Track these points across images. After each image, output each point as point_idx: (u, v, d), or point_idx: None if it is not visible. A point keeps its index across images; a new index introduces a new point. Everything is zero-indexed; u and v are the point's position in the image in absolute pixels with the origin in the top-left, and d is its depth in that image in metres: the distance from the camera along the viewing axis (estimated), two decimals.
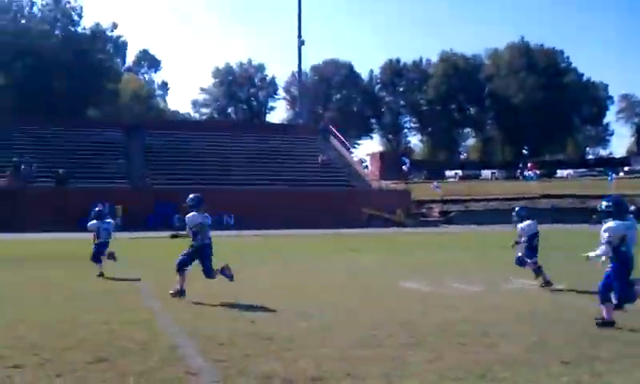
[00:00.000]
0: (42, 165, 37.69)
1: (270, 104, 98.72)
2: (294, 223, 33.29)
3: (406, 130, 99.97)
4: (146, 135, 45.09)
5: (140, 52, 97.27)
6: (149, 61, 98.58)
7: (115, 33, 78.51)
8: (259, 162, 42.51)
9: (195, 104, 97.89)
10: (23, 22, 67.88)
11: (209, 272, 10.06)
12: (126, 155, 42.39)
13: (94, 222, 13.58)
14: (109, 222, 14.29)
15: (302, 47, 57.04)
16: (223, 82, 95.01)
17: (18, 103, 63.90)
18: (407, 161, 47.94)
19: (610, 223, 7.58)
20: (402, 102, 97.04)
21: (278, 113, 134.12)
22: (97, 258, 13.45)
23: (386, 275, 13.72)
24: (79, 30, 70.61)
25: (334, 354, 6.29)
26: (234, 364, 5.83)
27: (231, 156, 43.12)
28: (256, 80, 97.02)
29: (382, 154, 58.44)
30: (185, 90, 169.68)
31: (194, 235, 10.08)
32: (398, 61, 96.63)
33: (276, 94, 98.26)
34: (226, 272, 10.16)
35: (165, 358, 6.02)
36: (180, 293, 9.91)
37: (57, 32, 69.05)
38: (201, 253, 10.04)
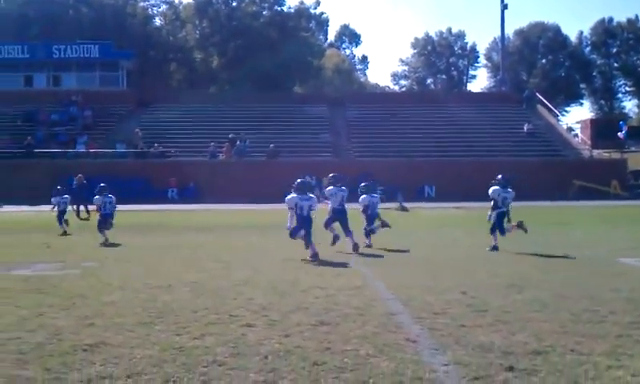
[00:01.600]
0: (254, 139, 40.16)
1: (471, 72, 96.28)
2: None
3: (620, 95, 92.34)
4: (349, 109, 46.21)
5: (341, 27, 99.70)
6: (349, 36, 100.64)
7: (318, 10, 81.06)
8: (460, 133, 41.71)
9: (395, 76, 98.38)
10: (234, 4, 72.35)
11: None
12: (330, 129, 43.80)
13: (293, 196, 12.42)
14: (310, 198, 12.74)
15: (505, 11, 54.71)
16: (422, 52, 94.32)
17: (231, 81, 68.72)
18: (624, 127, 44.24)
19: None
20: (615, 65, 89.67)
21: (480, 81, 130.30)
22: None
23: (602, 250, 12.89)
24: (284, 9, 73.86)
25: (553, 327, 6.07)
26: (450, 333, 5.86)
27: (432, 127, 42.82)
28: (456, 48, 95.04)
29: (593, 121, 54.48)
30: (384, 63, 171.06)
31: None
32: (610, 20, 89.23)
33: (477, 62, 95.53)
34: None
35: (383, 323, 6.20)
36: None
37: (264, 12, 72.77)
38: None
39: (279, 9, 73.22)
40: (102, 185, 15.95)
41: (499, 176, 13.52)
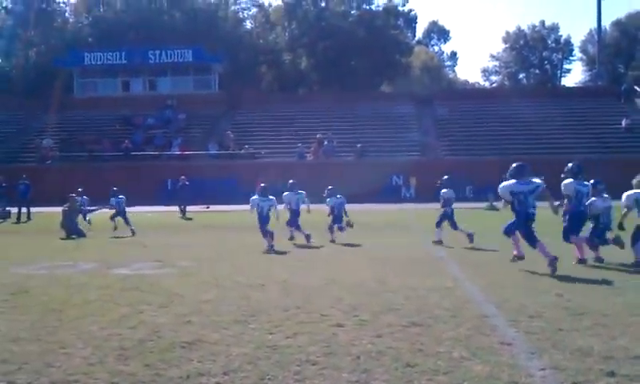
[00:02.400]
0: (341, 139, 40.31)
1: (565, 66, 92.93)
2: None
3: None
4: (437, 106, 45.65)
5: (429, 24, 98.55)
6: (438, 32, 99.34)
7: (406, 7, 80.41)
8: (555, 129, 40.36)
9: (485, 72, 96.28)
10: (323, 4, 72.81)
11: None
12: (418, 127, 43.40)
13: (255, 198, 14.74)
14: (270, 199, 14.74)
15: (602, 1, 52.52)
16: (514, 46, 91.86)
17: (320, 82, 69.21)
18: None
19: None
20: None
21: (575, 75, 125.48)
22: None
23: None
24: (373, 7, 73.66)
25: None
26: (547, 337, 5.69)
27: (525, 124, 41.64)
28: (549, 42, 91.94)
29: None
30: (474, 59, 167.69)
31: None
32: None
33: (572, 56, 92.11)
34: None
35: (476, 326, 6.10)
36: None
37: (353, 11, 72.84)
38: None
39: (368, 7, 73.11)
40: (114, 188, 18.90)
41: (570, 164, 11.65)
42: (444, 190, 15.50)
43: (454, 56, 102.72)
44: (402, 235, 16.48)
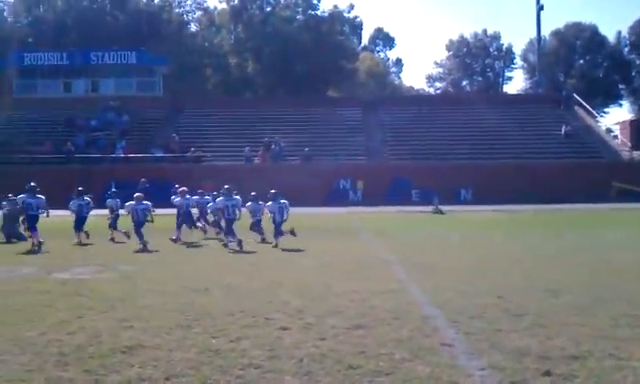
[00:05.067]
0: (288, 143, 40.29)
1: (507, 74, 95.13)
2: (536, 198, 31.89)
3: None
4: (383, 112, 46.11)
5: (375, 30, 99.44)
6: (383, 39, 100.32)
7: (352, 14, 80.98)
8: (496, 135, 41.29)
9: (429, 78, 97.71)
10: (269, 9, 72.74)
11: None
12: (363, 132, 43.74)
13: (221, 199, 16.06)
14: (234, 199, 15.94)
15: (541, 11, 53.98)
16: (457, 54, 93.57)
17: (266, 86, 69.07)
18: None
19: None
20: None
21: (516, 83, 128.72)
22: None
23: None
24: (319, 13, 73.95)
25: (592, 332, 6.00)
26: (486, 337, 5.82)
27: (468, 129, 42.45)
28: (491, 50, 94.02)
29: (633, 122, 53.36)
30: (419, 65, 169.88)
31: None
32: None
33: (513, 64, 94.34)
34: None
35: (418, 327, 6.19)
36: None
37: (298, 17, 72.97)
38: None
39: (313, 13, 73.36)
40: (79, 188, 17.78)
41: None
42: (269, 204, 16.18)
43: (399, 62, 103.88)
44: (348, 238, 16.56)
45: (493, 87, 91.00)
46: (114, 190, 19.09)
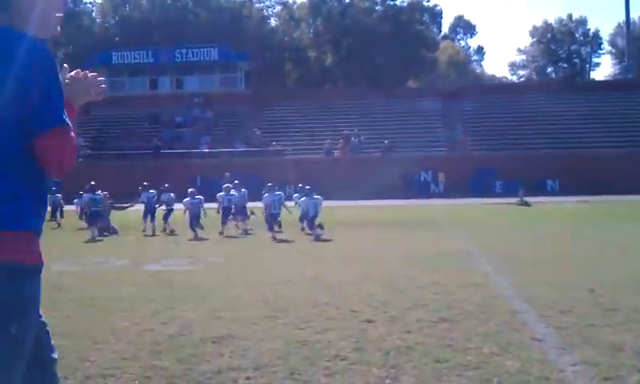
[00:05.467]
0: (368, 136, 40.23)
1: (594, 60, 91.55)
2: (629, 189, 30.43)
3: None
4: (464, 101, 45.34)
5: (455, 19, 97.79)
6: (464, 27, 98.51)
7: (431, 2, 79.94)
8: (584, 123, 39.86)
9: (512, 66, 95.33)
10: (347, 1, 72.69)
11: None
12: (444, 122, 43.15)
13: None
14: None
15: None
16: (541, 40, 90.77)
17: (345, 78, 69.16)
18: None
19: None
20: None
21: (604, 69, 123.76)
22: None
23: None
24: (397, 3, 73.37)
25: None
26: (577, 332, 5.64)
27: (554, 118, 41.14)
28: (577, 35, 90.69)
29: None
30: (501, 53, 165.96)
31: None
32: None
33: (600, 49, 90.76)
34: None
35: (506, 321, 6.06)
36: None
37: (377, 7, 72.60)
38: None
39: (392, 3, 72.84)
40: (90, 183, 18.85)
41: None
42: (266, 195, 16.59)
43: (480, 50, 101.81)
44: (431, 231, 16.41)
45: (579, 74, 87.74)
46: (145, 183, 20.25)
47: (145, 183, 20.15)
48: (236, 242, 15.31)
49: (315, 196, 16.58)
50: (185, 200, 17.44)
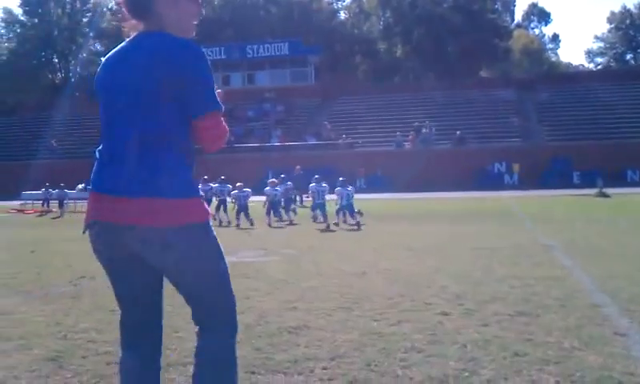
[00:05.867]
0: (439, 127, 39.75)
1: None
2: None
3: None
4: (539, 91, 44.19)
5: (529, 6, 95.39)
6: (538, 14, 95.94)
7: None
8: None
9: (589, 53, 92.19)
10: None
11: None
12: (518, 112, 42.17)
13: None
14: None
15: None
16: (620, 26, 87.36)
17: (415, 70, 68.50)
18: None
19: None
20: None
21: None
22: None
23: None
24: None
25: None
26: None
27: (634, 106, 39.57)
28: None
29: None
30: (577, 41, 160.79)
31: None
32: None
33: None
34: None
35: (587, 316, 5.89)
36: None
37: None
38: None
39: None
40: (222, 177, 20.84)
41: None
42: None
43: (555, 38, 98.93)
44: (505, 223, 16.09)
45: None
46: (222, 177, 21.76)
47: (204, 176, 20.95)
48: (309, 234, 15.42)
49: (349, 187, 17.93)
50: (233, 192, 19.62)
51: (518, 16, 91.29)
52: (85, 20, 76.43)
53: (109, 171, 2.54)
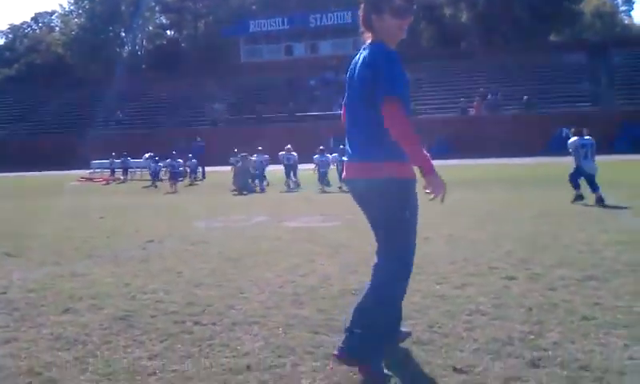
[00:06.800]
0: (507, 92, 38.82)
1: None
2: None
3: None
4: (611, 54, 42.53)
5: None
6: None
7: None
8: None
9: None
10: None
11: None
12: (589, 77, 40.74)
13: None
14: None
15: None
16: None
17: (481, 35, 66.81)
18: None
19: None
20: None
21: None
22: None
23: None
24: None
25: None
26: None
27: None
28: None
29: None
30: None
31: None
32: None
33: None
34: None
35: None
36: None
37: None
38: None
39: None
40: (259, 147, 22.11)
41: None
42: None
43: (629, 0, 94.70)
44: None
45: None
46: (288, 146, 22.11)
47: (235, 149, 21.92)
48: None
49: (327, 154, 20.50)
50: (315, 156, 20.66)
51: None
52: None
53: None
